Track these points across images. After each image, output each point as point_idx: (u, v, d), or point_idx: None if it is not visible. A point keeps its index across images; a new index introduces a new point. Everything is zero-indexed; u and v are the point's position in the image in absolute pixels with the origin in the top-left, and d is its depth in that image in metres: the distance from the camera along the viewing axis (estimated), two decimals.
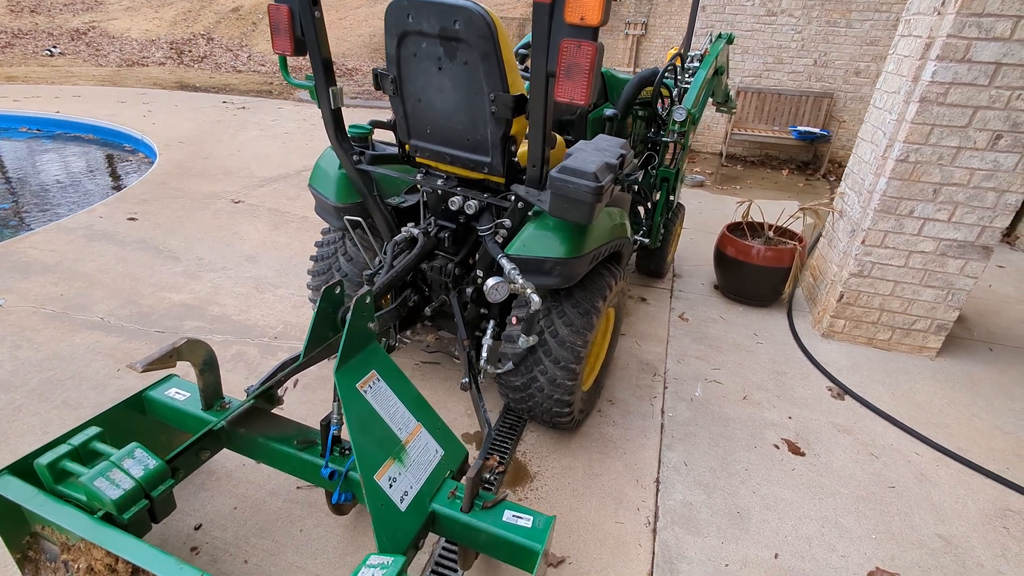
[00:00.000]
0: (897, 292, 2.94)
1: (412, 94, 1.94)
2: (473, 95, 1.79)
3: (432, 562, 1.78)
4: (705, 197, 5.74)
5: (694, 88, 2.98)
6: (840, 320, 3.10)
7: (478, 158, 1.92)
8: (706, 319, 3.34)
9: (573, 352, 1.99)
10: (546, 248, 1.81)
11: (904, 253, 2.85)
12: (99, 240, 3.70)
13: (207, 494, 1.96)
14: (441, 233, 2.14)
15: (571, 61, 1.43)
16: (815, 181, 6.61)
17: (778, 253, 3.27)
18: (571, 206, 1.55)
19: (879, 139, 2.86)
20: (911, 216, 2.76)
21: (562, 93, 1.48)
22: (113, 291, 3.12)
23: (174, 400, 1.81)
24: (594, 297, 2.03)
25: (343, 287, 1.65)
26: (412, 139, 2.07)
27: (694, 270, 3.98)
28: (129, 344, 2.68)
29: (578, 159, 1.57)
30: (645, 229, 3.23)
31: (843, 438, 2.43)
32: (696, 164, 7.14)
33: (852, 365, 2.95)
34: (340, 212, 2.25)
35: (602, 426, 2.43)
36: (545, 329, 2.01)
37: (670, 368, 2.85)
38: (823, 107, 6.85)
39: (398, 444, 1.54)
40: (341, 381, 1.49)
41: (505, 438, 2.34)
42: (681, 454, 2.29)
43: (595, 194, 1.48)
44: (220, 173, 5.28)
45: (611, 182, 1.55)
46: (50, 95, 8.40)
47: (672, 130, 2.92)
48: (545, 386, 2.05)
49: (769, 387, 2.74)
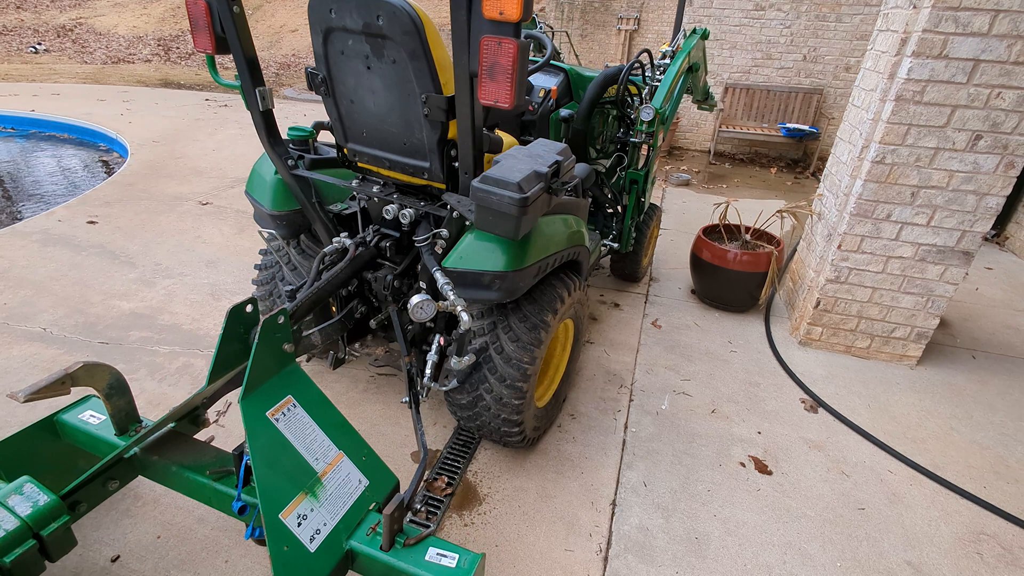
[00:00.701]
0: (875, 299, 2.82)
1: (344, 95, 1.81)
2: (405, 96, 1.66)
3: None
4: (690, 197, 5.61)
5: (664, 86, 2.85)
6: (817, 327, 2.98)
7: (416, 163, 1.79)
8: (680, 326, 3.22)
9: (519, 369, 1.87)
10: (484, 260, 1.69)
11: (882, 259, 2.72)
12: (54, 245, 3.57)
13: (130, 521, 1.85)
14: (383, 242, 2.01)
15: (493, 60, 1.30)
16: (804, 179, 6.48)
17: (755, 257, 3.15)
18: (496, 219, 1.42)
19: (856, 139, 2.74)
20: (888, 220, 2.63)
21: (485, 95, 1.35)
22: (60, 299, 3.00)
23: (87, 424, 1.68)
24: (543, 311, 1.91)
25: (256, 305, 1.53)
26: (349, 143, 1.95)
27: (671, 274, 3.86)
28: (69, 356, 2.56)
29: (504, 168, 1.44)
30: (615, 233, 3.10)
31: (813, 455, 2.32)
32: (683, 162, 7.01)
33: (828, 375, 2.83)
34: (277, 221, 2.13)
35: (561, 443, 2.31)
36: (490, 345, 1.89)
37: (638, 379, 2.74)
38: (813, 104, 6.71)
39: (312, 476, 1.42)
40: (247, 410, 1.37)
41: (457, 456, 2.22)
42: (641, 473, 2.18)
43: (519, 206, 1.35)
44: (191, 174, 5.14)
45: (540, 192, 1.42)
46: (29, 93, 8.26)
47: (640, 130, 2.79)
48: (491, 404, 1.94)
49: (740, 399, 2.63)
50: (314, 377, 2.57)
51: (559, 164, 1.50)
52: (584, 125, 2.73)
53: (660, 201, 5.42)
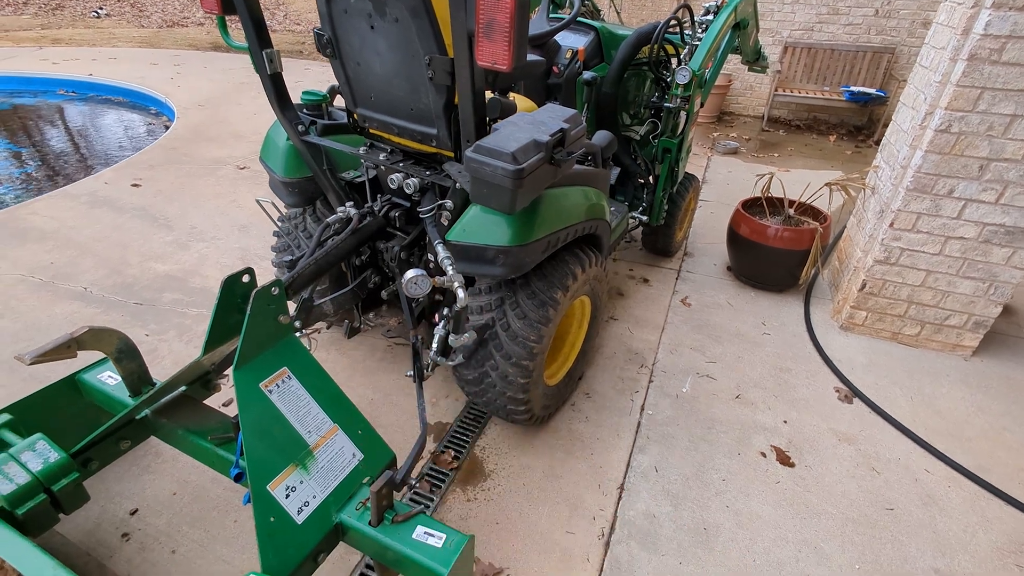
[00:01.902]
0: (929, 283, 2.57)
1: (350, 57, 1.74)
2: (410, 58, 1.57)
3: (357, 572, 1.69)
4: (736, 166, 5.29)
5: (704, 46, 2.62)
6: (861, 311, 2.77)
7: (424, 129, 1.72)
8: (711, 304, 3.06)
9: (525, 348, 1.80)
10: (488, 235, 1.61)
11: (939, 239, 2.47)
12: (100, 207, 3.73)
13: (149, 477, 1.94)
14: (392, 212, 1.96)
15: (489, 17, 1.19)
16: (866, 149, 5.98)
17: (797, 234, 2.93)
18: (491, 192, 1.33)
19: (920, 104, 2.45)
20: (950, 196, 2.37)
21: (482, 56, 1.25)
22: (102, 260, 3.13)
23: (104, 385, 1.75)
24: (552, 288, 1.83)
25: (252, 275, 1.52)
26: (358, 107, 1.89)
27: (707, 249, 3.66)
28: (105, 316, 2.68)
29: (500, 136, 1.35)
30: (645, 205, 2.94)
31: (843, 448, 2.17)
32: (733, 129, 6.60)
33: (869, 363, 2.63)
34: (289, 188, 2.11)
35: (572, 422, 2.26)
36: (496, 321, 1.83)
37: (660, 359, 2.63)
38: (882, 64, 6.12)
39: (304, 449, 1.42)
40: (239, 380, 1.38)
41: (467, 430, 2.21)
42: (653, 458, 2.10)
43: (514, 178, 1.26)
44: (231, 138, 5.24)
45: (540, 162, 1.32)
46: (89, 57, 8.58)
47: (675, 95, 2.59)
48: (497, 382, 1.89)
49: (768, 385, 2.48)
50: (330, 344, 2.60)
51: (564, 132, 1.38)
52: (614, 89, 2.56)
53: (704, 171, 5.14)
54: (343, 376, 2.43)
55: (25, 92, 7.22)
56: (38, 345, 2.45)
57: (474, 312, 1.87)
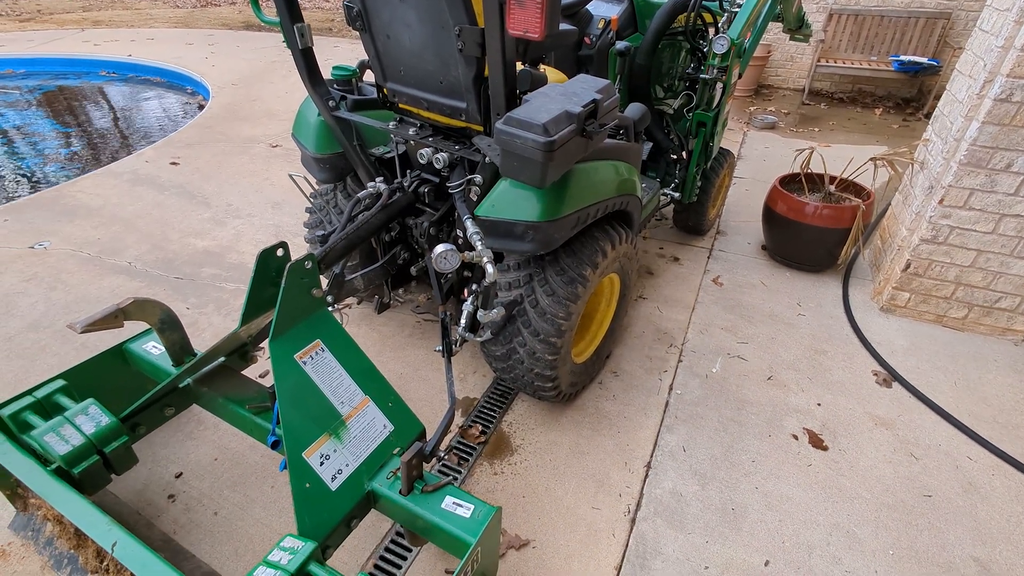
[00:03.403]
0: (980, 263, 2.45)
1: (380, 29, 1.73)
2: (439, 29, 1.56)
3: (388, 538, 1.74)
4: (774, 142, 5.10)
5: (744, 13, 2.51)
6: (904, 293, 2.66)
7: (454, 103, 1.70)
8: (743, 284, 2.99)
9: (553, 325, 1.80)
10: (518, 210, 1.60)
11: (994, 217, 2.34)
12: (141, 184, 3.85)
13: (193, 443, 2.03)
14: (421, 188, 1.97)
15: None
16: (915, 122, 5.68)
17: (837, 212, 2.82)
18: (521, 165, 1.32)
19: (978, 72, 2.30)
20: (1008, 171, 2.23)
21: (514, 24, 1.23)
22: (144, 236, 3.25)
23: (149, 354, 1.83)
24: (582, 265, 1.81)
25: (287, 249, 1.55)
26: (388, 82, 1.88)
27: (741, 227, 3.56)
28: (148, 289, 2.78)
29: (532, 107, 1.32)
30: (678, 182, 2.87)
31: (879, 433, 2.11)
32: (771, 102, 6.34)
33: (910, 346, 2.54)
34: (320, 164, 2.13)
35: (600, 400, 2.26)
36: (525, 297, 1.83)
37: (690, 339, 2.59)
38: (936, 31, 5.76)
39: (337, 419, 1.46)
40: (275, 351, 1.42)
41: (494, 406, 2.24)
42: (681, 437, 2.09)
43: (545, 151, 1.24)
44: (264, 116, 5.31)
45: (572, 134, 1.29)
46: (127, 38, 8.78)
47: (711, 65, 2.50)
48: (525, 358, 1.90)
49: (801, 367, 2.43)
50: (361, 320, 2.65)
51: (596, 104, 1.35)
52: (648, 60, 2.48)
53: (739, 146, 4.97)
54: (373, 351, 2.48)
55: (70, 74, 7.45)
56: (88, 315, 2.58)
57: (503, 288, 1.87)
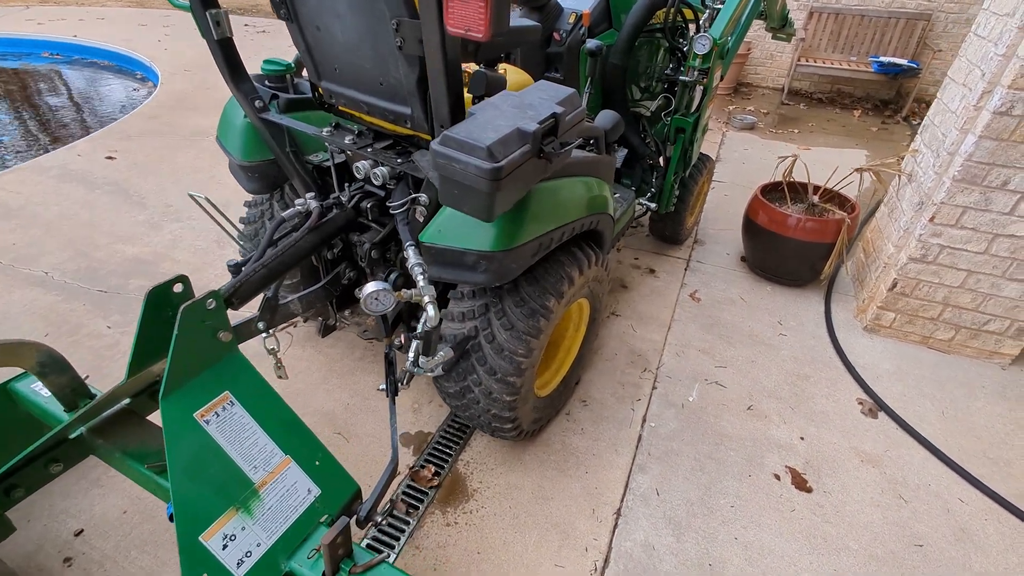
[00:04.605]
0: (969, 284, 2.31)
1: (308, 20, 1.47)
2: (375, 22, 1.31)
3: None
4: (753, 143, 4.95)
5: (726, 11, 2.31)
6: (889, 313, 2.52)
7: (397, 108, 1.46)
8: (722, 300, 2.82)
9: (512, 363, 1.58)
10: (468, 237, 1.37)
11: (986, 236, 2.20)
12: (70, 181, 3.49)
13: (99, 492, 1.76)
14: (364, 203, 1.72)
15: None
16: (893, 125, 5.60)
17: (821, 225, 2.66)
18: (463, 194, 1.09)
19: (974, 81, 2.15)
20: (1004, 189, 2.09)
21: (454, 20, 0.99)
22: (67, 241, 2.92)
23: (37, 396, 1.55)
24: (545, 295, 1.59)
25: (187, 284, 1.29)
26: (323, 81, 1.62)
27: (720, 236, 3.39)
28: (66, 305, 2.48)
29: (477, 123, 1.09)
30: (654, 191, 2.67)
31: (866, 471, 1.96)
32: (750, 101, 6.20)
33: (896, 370, 2.40)
34: (248, 172, 1.86)
35: (567, 434, 2.06)
36: (480, 331, 1.61)
37: (665, 362, 2.41)
38: (916, 32, 5.68)
39: (247, 488, 1.22)
40: (168, 412, 1.17)
41: (450, 442, 2.02)
42: (655, 478, 1.90)
43: (490, 179, 1.01)
44: (217, 106, 4.93)
45: (526, 156, 1.07)
46: (76, 17, 8.20)
47: (692, 66, 2.29)
48: (480, 398, 1.68)
49: (783, 395, 2.26)
50: (306, 340, 2.39)
51: (557, 119, 1.12)
52: (623, 59, 2.27)
53: (718, 147, 4.81)
54: (318, 376, 2.23)
55: (8, 55, 6.90)
56: None
57: (455, 319, 1.65)
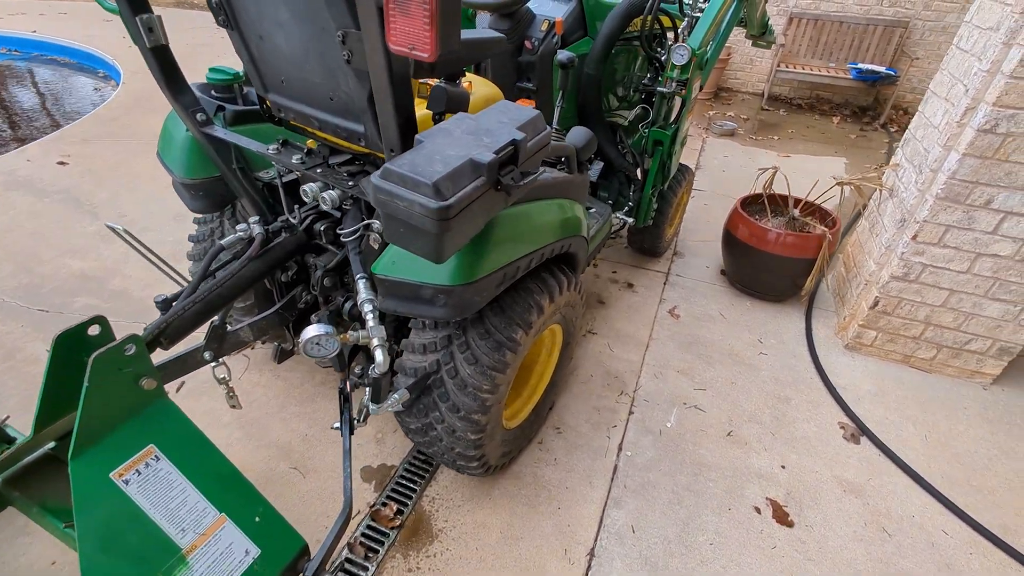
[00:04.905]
0: (952, 303, 2.26)
1: (250, 28, 1.34)
2: (320, 32, 1.18)
3: None
4: (733, 150, 4.90)
5: (706, 20, 2.22)
6: (871, 331, 2.46)
7: (349, 125, 1.33)
8: (702, 316, 2.74)
9: (476, 399, 1.47)
10: (424, 269, 1.25)
11: (969, 255, 2.14)
12: (16, 189, 3.29)
13: (26, 540, 1.61)
14: (318, 224, 1.59)
15: None
16: (871, 132, 5.60)
17: (802, 241, 2.59)
18: (409, 233, 0.97)
19: (957, 96, 2.09)
20: (987, 208, 2.03)
21: (396, 37, 0.87)
22: (9, 255, 2.73)
23: None
24: (511, 326, 1.48)
25: (105, 326, 1.15)
26: (270, 93, 1.49)
27: (700, 248, 3.32)
28: (1, 326, 2.30)
29: (424, 153, 0.97)
30: (632, 205, 2.58)
31: (848, 502, 1.89)
32: (731, 106, 6.17)
33: (878, 391, 2.34)
34: (193, 191, 1.72)
35: (539, 465, 1.95)
36: (442, 365, 1.49)
37: (643, 385, 2.31)
38: (893, 40, 5.69)
39: (174, 555, 1.09)
40: (77, 473, 1.03)
41: (415, 476, 1.90)
42: (631, 514, 1.81)
43: (436, 219, 0.90)
44: None
45: (480, 190, 0.95)
46: (37, 11, 7.87)
47: (670, 77, 2.20)
48: (443, 436, 1.56)
49: (764, 419, 2.18)
50: (263, 364, 2.25)
51: (516, 146, 1.01)
52: (599, 69, 2.16)
53: (698, 154, 4.75)
54: (275, 404, 2.09)
55: None
56: None
57: (416, 351, 1.53)
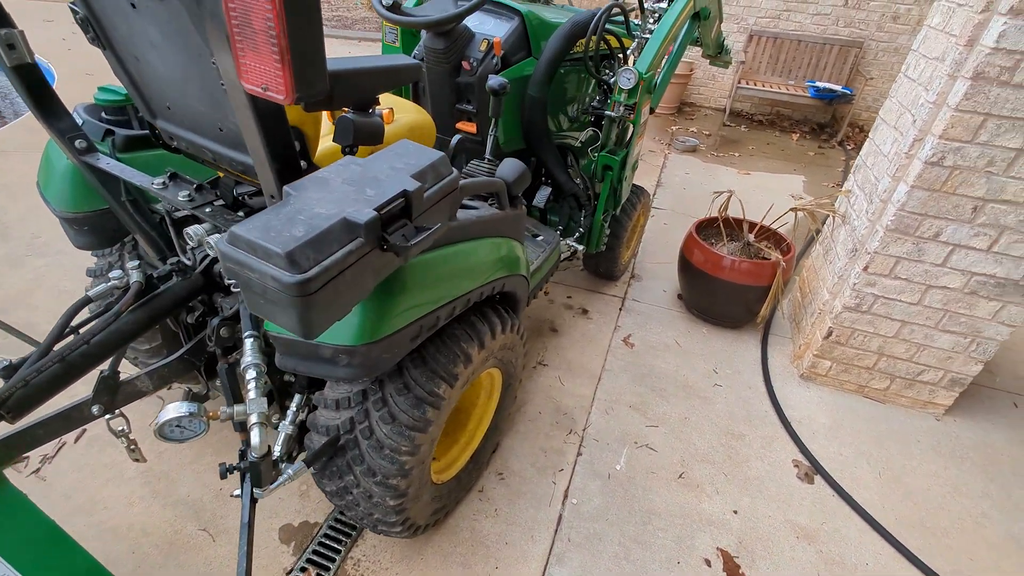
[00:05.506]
0: (904, 334, 2.22)
1: (124, 48, 1.17)
2: (195, 56, 1.02)
3: None
4: (695, 167, 4.88)
5: (654, 43, 2.13)
6: (825, 361, 2.40)
7: (244, 159, 1.17)
8: (657, 345, 2.64)
9: (395, 463, 1.32)
10: None
11: (919, 287, 2.10)
12: None
13: None
14: (218, 265, 1.42)
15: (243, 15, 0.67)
16: (829, 149, 5.68)
17: (756, 268, 2.52)
18: (269, 305, 0.82)
19: (905, 126, 2.04)
20: (936, 240, 1.99)
21: (248, 75, 0.73)
22: None
23: None
24: (433, 379, 1.34)
25: None
26: (158, 120, 1.32)
27: (658, 271, 3.23)
28: None
29: (284, 211, 0.81)
30: (582, 231, 2.47)
31: (802, 550, 1.80)
32: (694, 122, 6.18)
33: (833, 425, 2.27)
34: (78, 226, 1.53)
35: (478, 517, 1.80)
36: (356, 424, 1.34)
37: (593, 422, 2.19)
38: (849, 59, 5.79)
39: None
40: None
41: (340, 534, 1.73)
42: (574, 571, 1.67)
43: (294, 295, 0.75)
44: None
45: (353, 257, 0.81)
46: None
47: (617, 101, 2.10)
48: (360, 501, 1.41)
49: (717, 458, 2.09)
50: None
51: (408, 198, 0.87)
52: (542, 92, 2.05)
53: (660, 171, 4.70)
54: (188, 454, 1.89)
55: None
56: None
57: (329, 407, 1.37)
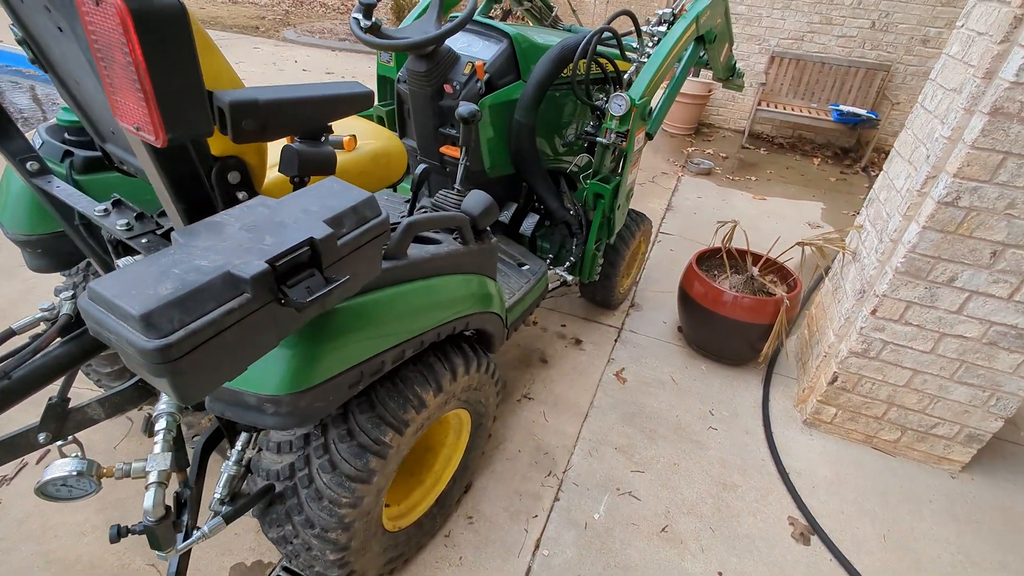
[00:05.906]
0: (916, 384, 2.05)
1: (63, 70, 1.12)
2: None
3: None
4: (708, 191, 4.73)
5: (650, 68, 2.03)
6: (830, 408, 2.23)
7: None
8: (651, 381, 2.51)
9: (333, 515, 1.23)
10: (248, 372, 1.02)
11: (933, 335, 1.93)
12: None
13: None
14: None
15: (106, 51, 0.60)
16: (852, 175, 5.46)
17: (758, 305, 2.38)
18: (140, 368, 0.74)
19: (919, 161, 1.90)
20: (950, 285, 1.83)
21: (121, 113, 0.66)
22: None
23: None
24: (379, 426, 1.25)
25: None
26: (106, 143, 1.27)
27: (658, 300, 3.10)
28: None
29: (164, 260, 0.73)
30: (574, 260, 2.36)
31: None
32: (711, 143, 6.03)
33: (835, 478, 2.11)
34: (33, 248, 1.49)
35: (441, 566, 1.69)
36: (296, 471, 1.25)
37: (575, 464, 2.07)
38: (875, 83, 5.59)
39: None
40: None
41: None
42: None
43: (153, 362, 0.66)
44: None
45: (237, 315, 0.72)
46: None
47: (608, 128, 2.00)
48: (300, 552, 1.32)
49: (705, 511, 1.94)
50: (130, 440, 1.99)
51: (315, 245, 0.78)
52: (530, 117, 1.96)
53: (671, 194, 4.57)
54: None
55: None
56: None
57: (271, 450, 1.29)
